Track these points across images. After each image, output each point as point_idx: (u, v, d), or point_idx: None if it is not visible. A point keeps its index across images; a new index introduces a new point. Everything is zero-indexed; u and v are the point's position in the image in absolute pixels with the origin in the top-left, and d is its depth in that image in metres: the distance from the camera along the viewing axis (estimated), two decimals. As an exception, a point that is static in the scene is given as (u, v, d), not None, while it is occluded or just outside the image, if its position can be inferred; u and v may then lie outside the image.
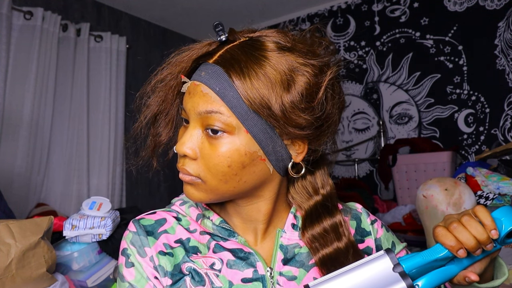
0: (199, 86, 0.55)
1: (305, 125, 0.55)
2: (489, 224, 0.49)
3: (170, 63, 0.61)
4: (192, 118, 0.56)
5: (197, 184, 0.56)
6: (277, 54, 0.54)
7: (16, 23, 2.15)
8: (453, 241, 0.49)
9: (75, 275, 1.25)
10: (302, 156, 0.59)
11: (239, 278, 0.58)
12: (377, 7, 2.68)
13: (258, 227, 0.63)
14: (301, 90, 0.54)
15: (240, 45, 0.56)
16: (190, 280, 0.58)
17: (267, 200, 0.61)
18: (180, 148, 0.56)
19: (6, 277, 0.97)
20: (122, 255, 0.60)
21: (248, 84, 0.52)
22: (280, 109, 0.53)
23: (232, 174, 0.55)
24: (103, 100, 2.53)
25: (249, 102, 0.52)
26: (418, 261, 0.49)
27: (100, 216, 1.32)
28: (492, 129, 2.27)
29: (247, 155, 0.55)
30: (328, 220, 0.61)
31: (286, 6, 2.89)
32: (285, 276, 0.60)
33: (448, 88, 2.41)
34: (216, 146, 0.54)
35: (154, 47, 3.07)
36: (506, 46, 2.24)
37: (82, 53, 2.44)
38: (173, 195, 0.71)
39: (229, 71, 0.53)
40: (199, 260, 0.59)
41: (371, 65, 2.69)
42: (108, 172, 2.51)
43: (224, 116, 0.53)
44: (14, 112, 2.10)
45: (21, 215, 2.05)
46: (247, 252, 0.60)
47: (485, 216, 0.49)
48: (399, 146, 2.35)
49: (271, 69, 0.53)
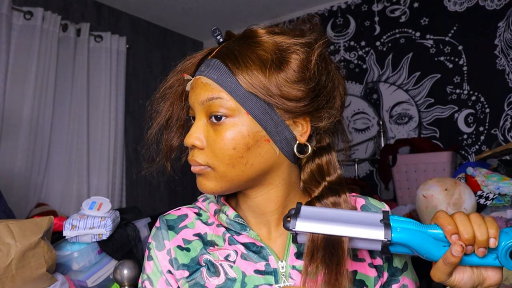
0: (199, 78, 0.59)
1: (301, 96, 0.57)
2: (493, 231, 0.48)
3: (176, 71, 0.65)
4: (197, 110, 0.59)
5: (207, 173, 0.59)
6: (267, 37, 0.59)
7: (16, 23, 2.15)
8: (452, 225, 0.48)
9: (75, 275, 1.25)
10: (306, 136, 0.60)
11: (252, 269, 0.60)
12: (377, 7, 2.68)
13: (271, 219, 0.63)
14: (293, 66, 0.57)
15: (235, 39, 0.62)
16: (206, 271, 0.61)
17: (277, 187, 0.62)
18: (188, 140, 0.59)
19: (6, 277, 0.97)
20: (146, 248, 0.66)
21: (243, 68, 0.56)
22: (275, 85, 0.56)
23: (238, 157, 0.57)
24: (103, 100, 2.53)
25: (246, 84, 0.56)
26: (406, 225, 0.50)
27: (100, 216, 1.32)
28: (492, 129, 2.27)
29: (250, 136, 0.57)
30: (331, 199, 0.59)
31: (286, 6, 2.89)
32: (298, 269, 0.60)
33: (448, 88, 2.41)
34: (220, 131, 0.57)
35: (154, 47, 3.07)
36: (506, 46, 2.24)
37: (82, 53, 2.43)
38: (173, 195, 0.72)
39: (225, 61, 0.58)
40: (216, 252, 0.62)
41: (371, 65, 2.69)
42: (108, 172, 2.51)
43: (224, 100, 0.57)
44: (14, 112, 2.10)
45: (21, 215, 2.05)
46: (259, 246, 0.61)
47: (492, 223, 0.49)
48: (399, 146, 2.35)
49: (263, 52, 0.57)
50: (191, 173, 0.60)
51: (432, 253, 0.49)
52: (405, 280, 0.65)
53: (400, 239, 0.49)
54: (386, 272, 0.64)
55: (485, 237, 0.48)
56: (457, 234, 0.48)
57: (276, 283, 0.59)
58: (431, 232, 0.49)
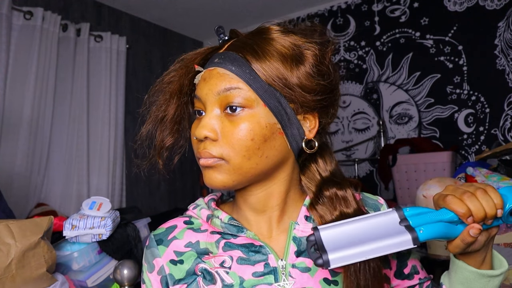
0: (215, 69, 0.58)
1: (319, 90, 0.59)
2: (499, 202, 0.52)
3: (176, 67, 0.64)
4: (210, 101, 0.58)
5: (220, 166, 0.57)
6: (282, 35, 0.59)
7: (16, 23, 2.15)
8: (465, 209, 0.51)
9: (75, 275, 1.25)
10: (314, 131, 0.62)
11: (250, 273, 0.59)
12: (377, 7, 2.68)
13: (272, 215, 0.63)
14: (310, 61, 0.58)
15: (247, 35, 0.62)
16: (202, 280, 0.60)
17: (280, 182, 0.62)
18: (200, 132, 0.57)
19: (6, 277, 0.97)
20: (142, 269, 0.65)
21: (263, 60, 0.56)
22: (296, 77, 0.57)
23: (255, 148, 0.56)
24: (103, 100, 2.53)
25: (265, 76, 0.56)
26: (423, 219, 0.52)
27: (100, 216, 1.32)
28: (492, 129, 2.27)
29: (268, 127, 0.57)
30: (337, 191, 0.61)
31: (286, 6, 2.89)
32: (298, 268, 0.60)
33: (448, 88, 2.41)
34: (237, 122, 0.56)
35: (154, 47, 3.07)
36: (506, 46, 2.24)
37: (82, 53, 2.43)
38: (173, 195, 0.71)
39: (243, 53, 0.58)
40: (211, 260, 0.61)
41: (371, 65, 2.69)
42: (108, 172, 2.50)
43: (243, 91, 0.56)
44: (14, 112, 2.10)
45: (21, 215, 2.05)
46: (258, 245, 0.61)
47: (496, 194, 0.52)
48: (399, 146, 2.35)
49: (281, 46, 0.58)
50: (191, 172, 0.59)
51: (450, 236, 0.53)
52: (412, 262, 0.68)
53: (425, 238, 0.51)
54: (395, 260, 0.67)
55: (494, 211, 0.51)
56: (471, 217, 0.51)
57: (275, 281, 0.58)
58: (447, 217, 0.52)
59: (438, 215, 0.52)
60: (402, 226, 0.51)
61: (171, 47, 3.21)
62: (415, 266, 0.69)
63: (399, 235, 0.50)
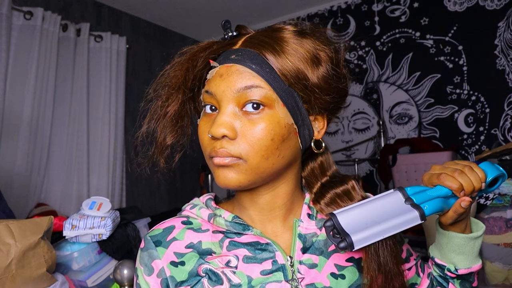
0: (233, 66, 0.56)
1: (336, 92, 0.60)
2: (483, 176, 0.59)
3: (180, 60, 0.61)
4: (227, 98, 0.56)
5: (238, 165, 0.55)
6: (298, 36, 0.58)
7: (16, 23, 2.15)
8: (458, 184, 0.57)
9: (75, 275, 1.25)
10: (323, 132, 0.62)
11: (258, 271, 0.58)
12: (377, 7, 2.68)
13: (278, 214, 0.63)
14: (327, 63, 0.59)
15: (261, 32, 0.60)
16: (207, 281, 0.58)
17: (287, 181, 0.62)
18: (217, 130, 0.54)
19: (6, 277, 0.97)
20: (135, 273, 0.63)
21: (283, 59, 0.56)
22: (316, 78, 0.57)
23: (274, 148, 0.56)
24: (103, 100, 2.53)
25: (285, 76, 0.56)
26: (424, 197, 0.58)
27: (100, 216, 1.32)
28: (492, 129, 2.27)
29: (286, 127, 0.57)
30: (339, 188, 0.63)
31: (286, 6, 2.89)
32: (305, 264, 0.60)
33: (448, 88, 2.41)
34: (257, 121, 0.55)
35: (154, 47, 3.07)
36: (506, 46, 2.24)
37: (82, 53, 2.43)
38: (173, 195, 0.71)
39: (262, 51, 0.56)
40: (215, 260, 0.59)
41: (371, 65, 2.69)
42: (108, 172, 2.50)
43: (264, 90, 0.55)
44: (14, 112, 2.10)
45: (21, 215, 2.05)
46: (265, 243, 0.60)
47: (480, 170, 0.60)
48: (399, 146, 2.35)
49: (299, 47, 0.57)
50: (191, 172, 0.59)
51: (445, 208, 0.60)
52: (405, 246, 0.73)
53: (429, 213, 0.57)
54: None
55: (480, 184, 0.59)
56: (463, 190, 0.58)
57: (285, 279, 0.58)
58: (443, 193, 0.59)
59: (434, 192, 0.58)
60: (408, 205, 0.56)
61: (171, 47, 3.20)
62: (408, 249, 0.73)
63: (407, 213, 0.55)
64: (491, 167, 0.61)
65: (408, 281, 0.72)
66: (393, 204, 0.56)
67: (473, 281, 0.69)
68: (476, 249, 0.66)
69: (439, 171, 0.59)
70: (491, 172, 0.61)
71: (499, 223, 1.39)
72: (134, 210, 1.98)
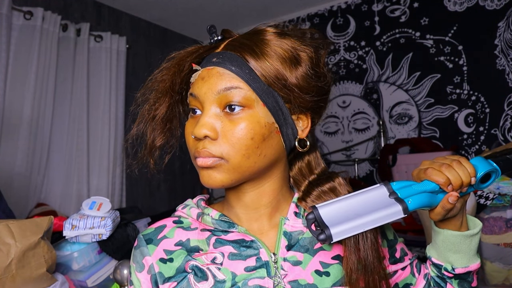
0: (214, 69, 0.59)
1: (316, 91, 0.61)
2: (472, 171, 0.58)
3: (168, 64, 0.65)
4: (209, 100, 0.58)
5: (219, 165, 0.57)
6: (278, 37, 0.60)
7: (16, 23, 2.15)
8: (445, 178, 0.57)
9: (75, 275, 1.25)
10: (307, 131, 0.63)
11: (242, 268, 0.59)
12: (377, 7, 2.68)
13: (264, 213, 0.64)
14: (307, 63, 0.60)
15: (243, 35, 0.62)
16: (193, 277, 0.60)
17: (273, 181, 0.64)
18: (200, 130, 0.57)
19: (6, 277, 0.97)
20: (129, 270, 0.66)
21: (262, 61, 0.57)
22: (295, 78, 0.58)
23: (254, 147, 0.57)
24: (103, 100, 2.53)
25: (264, 77, 0.57)
26: (409, 191, 0.57)
27: (100, 216, 1.32)
28: (492, 129, 2.27)
29: (267, 126, 0.58)
30: (326, 185, 0.64)
31: (286, 6, 2.89)
32: (289, 261, 0.61)
33: (448, 88, 2.41)
34: (237, 122, 0.57)
35: (154, 47, 3.07)
36: (506, 46, 2.24)
37: (82, 53, 2.43)
38: (173, 195, 0.71)
39: (242, 53, 0.58)
40: (201, 257, 0.61)
41: (371, 65, 2.69)
42: (108, 172, 2.50)
43: (244, 90, 0.57)
44: (14, 112, 2.10)
45: (21, 215, 2.05)
46: (249, 240, 0.61)
47: (469, 164, 0.59)
48: (399, 146, 2.35)
49: (279, 48, 0.59)
50: (191, 172, 0.60)
51: (433, 204, 0.59)
52: (400, 245, 0.73)
53: (413, 208, 0.56)
54: (386, 248, 0.70)
55: (469, 179, 0.58)
56: (451, 185, 0.57)
57: (268, 275, 0.59)
58: (429, 188, 0.57)
59: (421, 186, 0.57)
60: (392, 199, 0.56)
61: (171, 47, 3.20)
62: (403, 248, 0.73)
63: (390, 207, 0.55)
64: (483, 162, 0.60)
65: (402, 280, 0.71)
66: (377, 197, 0.56)
67: (472, 281, 0.68)
68: (474, 247, 0.65)
69: (427, 165, 0.59)
70: (483, 167, 0.59)
71: (499, 223, 1.39)
72: (134, 210, 1.98)
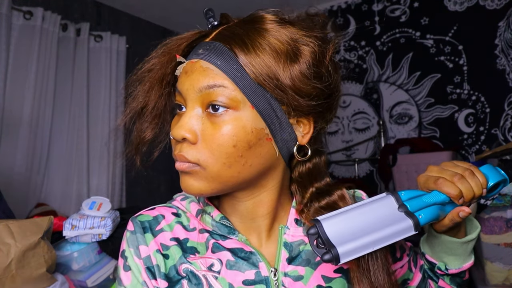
0: (198, 62, 0.51)
1: (315, 94, 0.52)
2: (484, 182, 0.54)
3: (158, 53, 0.57)
4: (191, 98, 0.51)
5: (196, 172, 0.51)
6: (278, 26, 0.52)
7: (16, 23, 2.15)
8: (458, 191, 0.53)
9: (75, 275, 1.25)
10: (308, 137, 0.55)
11: (240, 280, 0.54)
12: (377, 7, 2.68)
13: (262, 224, 0.58)
14: (308, 59, 0.51)
15: (238, 23, 0.54)
16: (187, 283, 0.54)
17: (270, 190, 0.57)
18: (178, 132, 0.50)
19: (6, 277, 0.97)
20: (121, 257, 0.57)
21: (253, 55, 0.49)
22: (289, 78, 0.50)
23: (237, 156, 0.50)
24: (103, 100, 2.53)
25: (254, 74, 0.49)
26: (419, 203, 0.53)
27: (100, 216, 1.32)
28: (492, 129, 2.27)
29: (254, 132, 0.50)
30: (327, 199, 0.57)
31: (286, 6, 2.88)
32: (290, 276, 0.56)
33: (448, 88, 2.41)
34: (219, 125, 0.50)
35: (154, 47, 3.07)
36: (506, 46, 2.24)
37: (82, 53, 2.43)
38: (173, 195, 0.70)
39: (230, 45, 0.50)
40: (197, 261, 0.56)
41: (371, 65, 2.69)
42: (108, 172, 2.50)
43: (228, 90, 0.49)
44: (14, 112, 2.10)
45: (21, 215, 2.05)
46: (248, 251, 0.56)
47: (481, 175, 0.55)
48: (399, 146, 2.35)
49: (275, 40, 0.50)
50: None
51: (442, 216, 0.55)
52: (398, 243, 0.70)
53: (424, 223, 0.52)
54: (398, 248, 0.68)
55: (481, 191, 0.54)
56: (462, 197, 0.53)
57: None
58: (440, 199, 0.54)
59: (431, 198, 0.54)
60: (402, 212, 0.51)
61: (171, 47, 3.21)
62: (402, 245, 0.70)
63: (400, 222, 0.50)
64: (493, 171, 0.56)
65: (401, 277, 0.69)
66: (385, 210, 0.51)
67: (464, 276, 0.66)
68: (470, 249, 0.63)
69: (437, 173, 0.54)
70: (493, 177, 0.56)
71: (499, 223, 1.39)
72: (135, 210, 1.97)
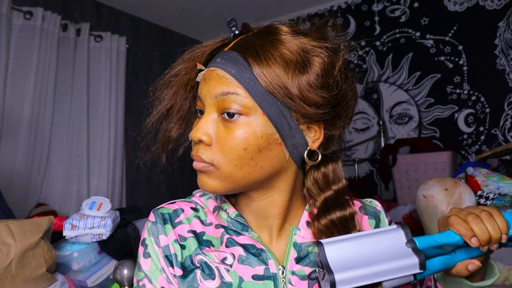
0: (215, 70, 0.56)
1: (322, 103, 0.55)
2: (504, 227, 0.52)
3: (184, 59, 0.62)
4: (208, 103, 0.56)
5: (210, 171, 0.56)
6: (291, 37, 0.55)
7: (16, 23, 2.15)
8: (468, 229, 0.51)
9: (75, 275, 1.25)
10: (318, 142, 0.58)
11: (250, 275, 0.58)
12: (377, 7, 2.68)
13: (273, 223, 0.61)
14: (317, 69, 0.55)
15: (255, 34, 0.58)
16: (200, 273, 0.58)
17: (282, 192, 0.60)
18: (195, 134, 0.55)
19: (6, 277, 0.97)
20: (141, 245, 0.62)
21: (265, 65, 0.53)
22: (297, 88, 0.53)
23: (247, 158, 0.54)
24: (103, 100, 2.53)
25: (266, 83, 0.53)
26: (430, 241, 0.51)
27: (100, 216, 1.32)
28: (492, 129, 2.27)
29: (264, 137, 0.55)
30: (338, 213, 0.58)
31: (286, 6, 2.89)
32: (297, 275, 0.59)
33: (448, 88, 2.41)
34: (232, 129, 0.54)
35: (154, 47, 3.07)
36: (506, 46, 2.24)
37: (82, 53, 2.43)
38: (173, 195, 0.70)
39: (245, 55, 0.54)
40: (211, 253, 0.59)
41: (371, 65, 2.69)
42: (108, 172, 2.50)
43: (241, 97, 0.54)
44: (14, 112, 2.10)
45: (21, 215, 2.05)
46: (259, 248, 0.59)
47: (501, 219, 0.53)
48: (399, 146, 2.35)
49: (286, 51, 0.54)
50: (190, 172, 0.59)
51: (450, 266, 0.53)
52: None
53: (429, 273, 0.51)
54: None
55: (499, 235, 0.52)
56: (475, 237, 0.51)
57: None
58: (453, 240, 0.51)
59: (443, 237, 0.51)
60: (409, 248, 0.49)
61: (171, 47, 3.21)
62: None
63: (405, 258, 0.49)
64: None
65: None
66: (392, 243, 0.50)
67: None
68: None
69: (454, 213, 0.54)
70: None
71: (499, 223, 1.39)
72: (134, 210, 1.98)
